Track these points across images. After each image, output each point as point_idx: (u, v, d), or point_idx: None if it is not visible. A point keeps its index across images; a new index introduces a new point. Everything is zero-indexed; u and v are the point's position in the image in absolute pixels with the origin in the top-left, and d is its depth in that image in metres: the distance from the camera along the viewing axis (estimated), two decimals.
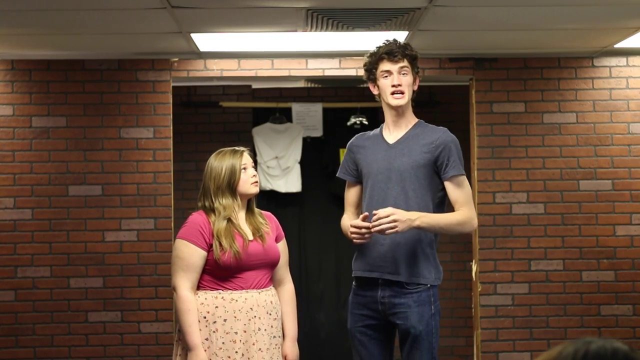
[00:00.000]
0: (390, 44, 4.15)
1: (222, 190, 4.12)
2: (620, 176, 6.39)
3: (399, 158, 4.09)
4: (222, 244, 4.03)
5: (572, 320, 6.36)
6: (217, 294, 4.08)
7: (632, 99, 6.43)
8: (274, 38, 5.77)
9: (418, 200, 4.03)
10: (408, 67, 4.12)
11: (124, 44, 5.98)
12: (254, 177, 4.19)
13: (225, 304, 4.06)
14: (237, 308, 4.05)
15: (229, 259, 4.04)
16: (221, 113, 8.01)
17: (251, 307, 4.07)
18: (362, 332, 4.15)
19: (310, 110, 7.92)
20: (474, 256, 6.46)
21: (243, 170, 4.14)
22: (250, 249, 4.09)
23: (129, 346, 6.26)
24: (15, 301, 6.25)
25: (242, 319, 4.05)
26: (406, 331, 4.06)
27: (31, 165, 6.28)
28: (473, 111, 6.43)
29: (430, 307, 4.08)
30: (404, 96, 4.11)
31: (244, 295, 4.07)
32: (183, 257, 4.07)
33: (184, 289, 4.04)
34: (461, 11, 5.07)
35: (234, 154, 4.17)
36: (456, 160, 4.08)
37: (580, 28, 5.62)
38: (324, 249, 7.94)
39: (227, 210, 4.10)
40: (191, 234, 4.08)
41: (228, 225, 4.09)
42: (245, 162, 4.16)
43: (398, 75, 4.09)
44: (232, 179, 4.12)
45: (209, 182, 4.15)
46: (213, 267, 4.07)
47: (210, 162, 4.18)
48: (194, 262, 4.05)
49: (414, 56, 4.16)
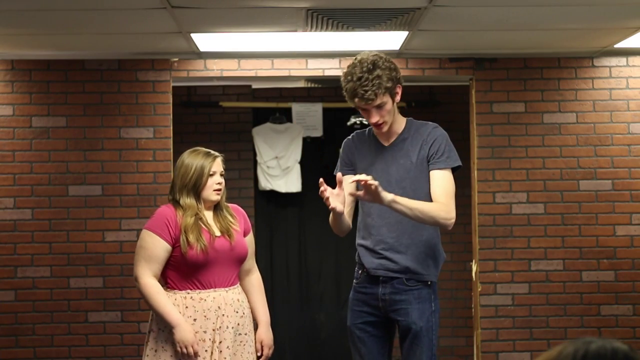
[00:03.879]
0: (361, 82, 3.90)
1: (188, 190, 4.18)
2: (620, 176, 6.40)
3: (395, 160, 4.08)
4: (188, 238, 4.08)
5: (572, 320, 6.36)
6: (186, 294, 4.13)
7: (632, 99, 6.43)
8: (274, 38, 5.77)
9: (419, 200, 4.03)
10: (384, 99, 3.95)
11: (124, 44, 5.98)
12: (218, 185, 4.20)
13: (194, 303, 4.12)
14: (206, 307, 4.12)
15: (195, 254, 4.08)
16: (221, 113, 8.01)
17: (219, 306, 4.13)
18: (361, 328, 4.15)
19: (310, 110, 7.92)
20: (474, 256, 6.46)
21: (210, 176, 4.18)
22: (217, 245, 4.14)
23: (129, 346, 6.26)
24: (15, 301, 6.25)
25: (211, 317, 4.11)
26: (407, 327, 4.06)
27: (31, 165, 6.29)
28: (473, 111, 6.43)
29: (430, 304, 4.08)
30: (385, 125, 4.04)
31: (212, 294, 4.14)
32: (146, 247, 4.12)
33: (147, 276, 4.10)
34: (461, 11, 5.07)
35: (207, 156, 4.22)
36: (443, 154, 4.03)
37: (580, 28, 5.62)
38: (324, 249, 7.94)
39: (192, 209, 4.15)
40: (157, 225, 4.14)
41: (195, 220, 4.13)
42: (215, 169, 4.20)
43: (375, 113, 3.98)
44: (198, 183, 4.18)
45: (177, 178, 4.21)
46: (179, 263, 4.11)
47: (183, 158, 4.24)
48: (157, 254, 4.11)
49: (389, 85, 3.93)
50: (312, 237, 7.92)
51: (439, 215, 3.95)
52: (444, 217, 3.96)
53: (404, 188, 4.03)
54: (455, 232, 7.39)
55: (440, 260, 4.16)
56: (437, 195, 4.00)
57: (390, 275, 4.07)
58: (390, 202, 3.85)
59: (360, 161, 4.16)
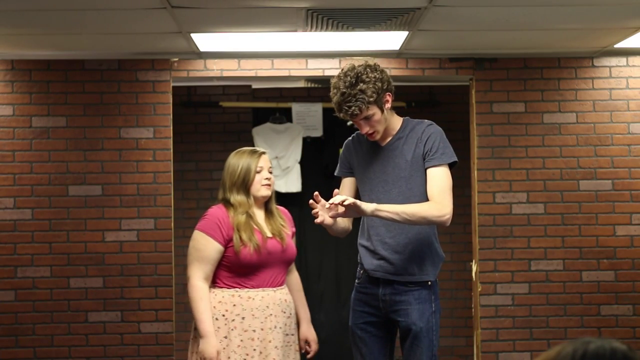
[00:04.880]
0: (344, 97, 3.90)
1: (237, 187, 4.23)
2: (620, 176, 6.39)
3: (391, 160, 4.08)
4: (242, 237, 4.13)
5: (572, 320, 6.36)
6: (234, 292, 4.16)
7: (632, 99, 6.43)
8: (274, 38, 5.77)
9: (417, 200, 4.03)
10: (371, 111, 3.95)
11: (124, 44, 5.98)
12: (267, 180, 4.27)
13: (242, 302, 4.15)
14: (254, 306, 4.15)
15: (249, 253, 4.12)
16: (221, 113, 8.01)
17: (267, 305, 4.16)
18: (362, 328, 4.16)
19: (310, 110, 7.92)
20: (474, 256, 6.46)
21: (257, 173, 4.24)
22: (270, 246, 4.19)
23: (129, 346, 6.26)
24: (15, 301, 6.25)
25: (259, 317, 4.14)
26: (407, 328, 4.06)
27: (31, 165, 6.29)
28: (473, 111, 6.43)
29: (431, 304, 4.09)
30: (377, 133, 4.05)
31: (260, 293, 4.17)
32: (199, 249, 4.17)
33: (197, 278, 4.14)
34: (461, 11, 5.07)
35: (252, 154, 4.30)
36: (438, 151, 4.02)
37: (580, 28, 5.62)
38: (324, 249, 7.94)
39: (243, 206, 4.19)
40: (209, 227, 4.17)
41: (247, 219, 4.18)
42: (261, 164, 4.27)
43: (364, 124, 4.00)
44: (246, 179, 4.23)
45: (225, 178, 4.27)
46: (232, 263, 4.15)
47: (229, 160, 4.32)
48: (210, 255, 4.15)
49: (373, 98, 3.92)
50: (312, 236, 7.91)
51: (431, 214, 3.93)
52: (436, 215, 3.93)
53: (400, 187, 4.04)
54: (455, 232, 7.43)
55: (439, 260, 4.16)
56: (430, 194, 4.00)
57: (388, 277, 4.07)
58: (373, 212, 3.86)
59: (358, 162, 4.17)
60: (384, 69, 4.05)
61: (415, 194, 4.03)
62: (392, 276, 4.06)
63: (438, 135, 4.06)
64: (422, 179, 4.05)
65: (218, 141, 7.94)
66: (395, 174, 4.06)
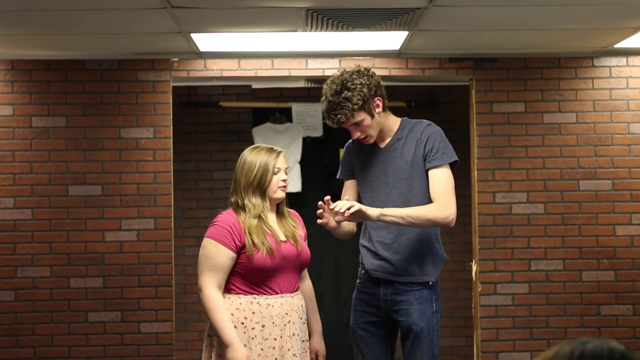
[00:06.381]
0: (330, 105, 3.95)
1: (253, 188, 3.98)
2: (620, 176, 6.39)
3: (391, 161, 4.09)
4: (254, 241, 3.91)
5: (572, 320, 6.36)
6: (252, 298, 3.95)
7: (632, 99, 6.43)
8: (274, 38, 5.77)
9: (417, 200, 4.03)
10: (359, 117, 3.97)
11: (124, 44, 5.98)
12: (283, 182, 4.04)
13: (261, 309, 3.94)
14: (274, 314, 3.94)
15: (262, 258, 3.91)
16: (221, 113, 8.01)
17: (286, 312, 3.98)
18: (363, 328, 4.16)
19: (310, 110, 7.92)
20: (474, 256, 6.46)
21: (275, 174, 4.01)
22: (284, 250, 3.98)
23: (129, 346, 6.26)
24: (15, 301, 6.25)
25: (279, 324, 3.95)
26: (408, 328, 4.07)
27: (31, 165, 6.29)
28: (473, 111, 6.43)
29: (431, 304, 4.09)
30: (370, 138, 4.06)
31: (279, 300, 3.97)
32: (211, 257, 3.93)
33: (210, 287, 3.90)
34: (461, 11, 5.07)
35: (270, 153, 4.03)
36: (438, 151, 4.03)
37: (580, 28, 5.62)
38: (324, 249, 7.93)
39: (257, 209, 3.97)
40: (220, 233, 3.94)
41: (259, 223, 3.96)
42: (279, 165, 4.03)
43: (354, 130, 4.03)
44: (263, 180, 3.99)
45: (240, 176, 4.00)
46: (246, 269, 3.94)
47: (245, 156, 4.03)
48: (222, 263, 3.92)
49: (359, 104, 3.94)
50: (312, 236, 7.87)
51: (436, 216, 3.94)
52: (441, 217, 3.95)
53: (401, 188, 4.04)
54: (455, 232, 7.42)
55: (440, 261, 4.16)
56: (433, 196, 4.00)
57: (388, 278, 4.08)
58: (378, 217, 3.87)
59: (359, 164, 4.18)
60: (374, 73, 4.04)
61: (416, 195, 4.03)
62: (392, 276, 4.07)
63: (438, 135, 4.06)
64: (423, 180, 4.05)
65: (218, 141, 7.95)
66: (395, 176, 4.06)
